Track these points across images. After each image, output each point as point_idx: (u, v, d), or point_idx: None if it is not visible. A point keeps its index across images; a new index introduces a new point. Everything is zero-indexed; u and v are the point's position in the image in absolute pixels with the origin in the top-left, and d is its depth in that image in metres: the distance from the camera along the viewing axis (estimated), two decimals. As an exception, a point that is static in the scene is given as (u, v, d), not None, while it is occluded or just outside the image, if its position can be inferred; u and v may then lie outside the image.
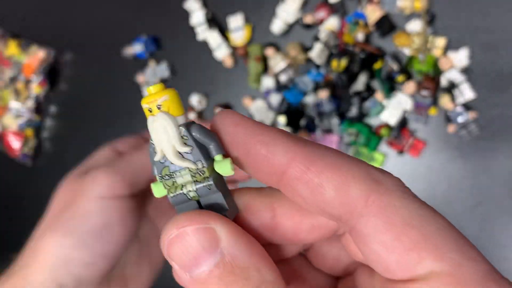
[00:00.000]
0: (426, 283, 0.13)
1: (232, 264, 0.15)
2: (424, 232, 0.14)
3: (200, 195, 0.17)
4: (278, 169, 0.15)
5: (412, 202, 0.15)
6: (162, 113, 0.16)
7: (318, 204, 0.15)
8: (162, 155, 0.17)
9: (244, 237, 0.15)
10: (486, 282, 0.13)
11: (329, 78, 0.59)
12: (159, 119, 0.16)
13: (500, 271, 0.50)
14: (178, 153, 0.16)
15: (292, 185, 0.15)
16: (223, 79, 0.67)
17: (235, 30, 0.64)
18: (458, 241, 0.14)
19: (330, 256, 0.19)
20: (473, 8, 0.55)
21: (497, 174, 0.56)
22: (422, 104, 0.57)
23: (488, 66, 0.55)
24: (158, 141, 0.17)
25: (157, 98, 0.16)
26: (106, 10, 0.74)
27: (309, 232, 0.17)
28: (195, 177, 0.17)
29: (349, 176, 0.15)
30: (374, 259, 0.14)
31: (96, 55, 0.75)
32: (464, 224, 0.58)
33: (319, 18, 0.60)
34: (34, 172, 0.82)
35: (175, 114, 0.17)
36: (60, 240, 0.27)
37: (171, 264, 0.16)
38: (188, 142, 0.16)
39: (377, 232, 0.14)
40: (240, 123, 0.16)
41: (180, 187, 0.17)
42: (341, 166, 0.15)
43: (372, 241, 0.14)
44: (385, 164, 0.60)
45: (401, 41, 0.56)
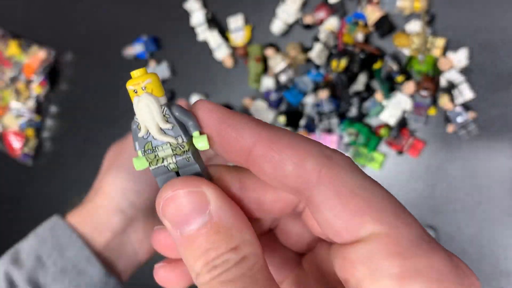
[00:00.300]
0: (367, 243, 0.15)
1: (218, 224, 0.17)
2: (366, 200, 0.16)
3: (180, 166, 0.19)
4: (245, 149, 0.17)
5: (357, 175, 0.17)
6: (146, 93, 0.18)
7: (280, 178, 0.17)
8: (146, 131, 0.19)
9: (229, 202, 0.18)
10: (418, 242, 0.16)
11: (329, 78, 0.59)
12: (144, 99, 0.18)
13: (500, 271, 0.50)
14: (161, 129, 0.19)
15: (257, 162, 0.17)
16: (223, 79, 0.67)
17: (235, 31, 0.64)
18: (396, 208, 0.16)
19: (294, 232, 0.22)
20: (472, 9, 0.55)
21: (497, 174, 0.56)
22: (421, 104, 0.57)
23: (487, 66, 0.55)
24: (142, 119, 0.19)
25: (141, 80, 0.18)
26: (107, 11, 0.74)
27: (271, 205, 0.19)
28: (175, 151, 0.19)
29: (305, 153, 0.17)
30: (326, 225, 0.17)
31: (96, 55, 0.75)
32: (464, 224, 0.58)
33: (319, 19, 0.60)
34: (34, 171, 0.82)
35: (157, 95, 0.19)
36: (116, 175, 0.37)
37: (164, 222, 0.18)
38: (169, 120, 0.19)
39: (327, 200, 0.16)
40: (214, 110, 0.18)
41: (161, 160, 0.19)
42: (299, 145, 0.17)
43: (324, 208, 0.16)
44: (384, 164, 0.60)
45: (401, 42, 0.56)
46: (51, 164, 0.81)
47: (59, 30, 0.77)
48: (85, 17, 0.75)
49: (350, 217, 0.16)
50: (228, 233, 0.17)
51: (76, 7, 0.76)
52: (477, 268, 0.58)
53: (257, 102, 0.64)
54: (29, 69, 0.77)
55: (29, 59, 0.77)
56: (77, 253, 0.36)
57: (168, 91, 0.70)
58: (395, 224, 0.16)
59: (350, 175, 0.17)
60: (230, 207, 0.18)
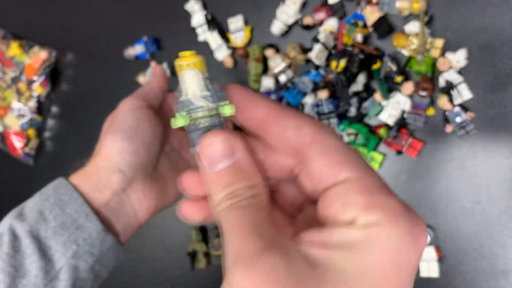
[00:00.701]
0: (343, 184, 0.22)
1: (241, 167, 0.24)
2: (344, 156, 0.23)
3: (210, 126, 0.25)
4: (260, 116, 0.25)
5: (338, 139, 0.23)
6: (193, 68, 0.25)
7: (284, 140, 0.24)
8: (187, 97, 0.25)
9: (249, 153, 0.25)
10: (381, 186, 0.22)
11: (329, 78, 0.59)
12: (190, 71, 0.25)
13: (498, 270, 0.50)
14: (200, 96, 0.25)
15: (268, 127, 0.24)
16: (224, 79, 0.68)
17: (235, 31, 0.64)
18: (365, 163, 0.23)
19: (290, 195, 0.27)
20: (471, 10, 0.55)
21: (495, 173, 0.56)
22: (420, 105, 0.57)
23: (485, 67, 0.55)
24: (186, 86, 0.25)
25: (191, 58, 0.25)
26: (108, 12, 0.74)
27: (272, 166, 0.25)
28: (208, 114, 0.25)
29: (303, 122, 0.24)
30: (314, 173, 0.23)
31: (97, 56, 0.75)
32: (462, 223, 0.58)
33: (319, 19, 0.60)
34: (35, 171, 0.83)
35: (202, 71, 0.25)
36: (112, 137, 0.41)
37: (202, 162, 0.24)
38: (208, 89, 0.25)
39: (317, 155, 0.23)
40: (241, 88, 0.26)
41: (195, 120, 0.25)
42: (298, 116, 0.24)
43: (314, 160, 0.23)
44: (383, 163, 0.60)
45: (400, 42, 0.56)
46: (52, 163, 0.82)
47: (60, 31, 0.78)
48: (86, 18, 0.76)
49: (332, 166, 0.22)
50: (247, 174, 0.24)
51: (77, 8, 0.76)
52: (475, 267, 0.58)
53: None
54: (30, 70, 0.77)
55: (31, 59, 0.77)
56: (77, 210, 0.39)
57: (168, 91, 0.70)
58: (364, 173, 0.22)
59: (333, 139, 0.23)
60: (250, 156, 0.24)
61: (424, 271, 0.60)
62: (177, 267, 0.74)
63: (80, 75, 0.76)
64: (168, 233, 0.74)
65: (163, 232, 0.74)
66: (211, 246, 0.70)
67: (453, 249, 0.59)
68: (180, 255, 0.73)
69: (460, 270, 0.59)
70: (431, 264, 0.59)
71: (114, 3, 0.74)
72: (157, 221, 0.74)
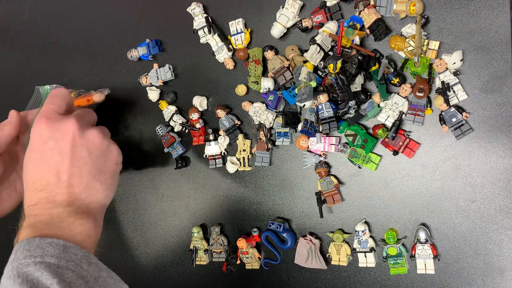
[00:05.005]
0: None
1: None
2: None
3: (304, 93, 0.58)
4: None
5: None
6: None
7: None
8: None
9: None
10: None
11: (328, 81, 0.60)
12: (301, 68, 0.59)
13: (493, 267, 0.51)
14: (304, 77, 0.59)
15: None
16: (224, 80, 0.69)
17: (236, 34, 0.66)
18: None
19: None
20: (466, 12, 0.56)
21: (490, 172, 0.57)
22: (417, 106, 0.58)
23: (481, 68, 0.56)
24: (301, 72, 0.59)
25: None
26: (112, 15, 0.76)
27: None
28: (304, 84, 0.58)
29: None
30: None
31: (101, 57, 0.77)
32: (458, 222, 0.59)
33: (317, 22, 0.61)
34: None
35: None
36: None
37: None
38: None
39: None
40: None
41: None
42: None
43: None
44: (381, 163, 0.61)
45: (396, 44, 0.57)
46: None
47: (64, 34, 0.79)
48: (91, 21, 0.77)
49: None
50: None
51: (82, 11, 0.77)
52: (471, 265, 0.59)
53: (256, 103, 0.66)
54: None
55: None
56: None
57: (170, 92, 0.72)
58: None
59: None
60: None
61: (421, 269, 0.61)
62: (178, 264, 0.75)
63: (83, 76, 0.78)
64: (169, 231, 0.75)
65: (164, 230, 0.76)
66: (212, 244, 0.71)
67: (449, 247, 0.60)
68: (181, 252, 0.75)
69: (456, 267, 0.60)
70: (427, 261, 0.60)
71: (118, 7, 0.75)
72: (158, 219, 0.76)
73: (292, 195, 0.67)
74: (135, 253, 0.78)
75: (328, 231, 0.65)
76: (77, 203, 0.47)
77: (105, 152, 0.51)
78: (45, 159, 0.47)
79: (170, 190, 0.74)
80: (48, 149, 0.47)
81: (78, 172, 0.48)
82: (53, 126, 0.48)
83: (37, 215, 0.45)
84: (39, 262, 0.39)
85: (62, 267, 0.39)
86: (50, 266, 0.39)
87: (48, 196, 0.46)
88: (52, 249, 0.40)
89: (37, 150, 0.48)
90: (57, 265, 0.39)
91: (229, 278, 0.72)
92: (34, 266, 0.39)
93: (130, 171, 0.77)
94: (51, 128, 0.48)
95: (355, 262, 0.64)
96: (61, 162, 0.47)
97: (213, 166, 0.70)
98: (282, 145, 0.66)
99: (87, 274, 0.41)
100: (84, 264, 0.41)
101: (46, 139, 0.48)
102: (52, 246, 0.41)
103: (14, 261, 0.40)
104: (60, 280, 0.38)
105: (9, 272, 0.39)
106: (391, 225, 0.62)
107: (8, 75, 0.83)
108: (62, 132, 0.48)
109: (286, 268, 0.69)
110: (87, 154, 0.49)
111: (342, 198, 0.63)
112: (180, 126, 0.71)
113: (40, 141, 0.48)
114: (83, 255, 0.42)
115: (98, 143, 0.50)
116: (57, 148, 0.47)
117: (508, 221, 0.57)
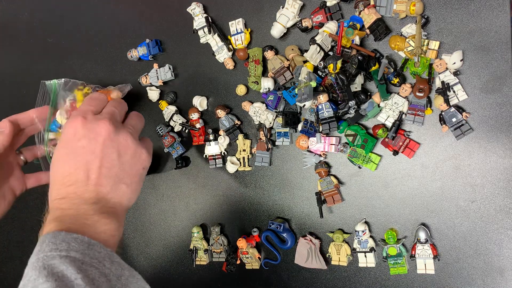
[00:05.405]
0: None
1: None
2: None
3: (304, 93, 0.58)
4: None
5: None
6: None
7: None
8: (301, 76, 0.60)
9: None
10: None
11: (328, 81, 0.60)
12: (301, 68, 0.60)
13: (493, 267, 0.51)
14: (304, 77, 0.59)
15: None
16: (224, 80, 0.69)
17: (236, 34, 0.66)
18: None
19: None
20: (466, 12, 0.56)
21: (490, 172, 0.57)
22: (417, 106, 0.58)
23: (481, 68, 0.56)
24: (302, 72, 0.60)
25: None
26: (112, 15, 0.76)
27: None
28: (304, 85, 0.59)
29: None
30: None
31: (101, 57, 0.77)
32: (458, 222, 0.59)
33: (317, 22, 0.61)
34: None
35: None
36: None
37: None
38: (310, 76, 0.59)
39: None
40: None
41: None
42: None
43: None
44: (381, 163, 0.61)
45: (396, 44, 0.57)
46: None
47: (64, 34, 0.79)
48: (91, 21, 0.77)
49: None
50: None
51: (82, 11, 0.77)
52: (471, 265, 0.59)
53: (256, 103, 0.66)
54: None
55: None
56: None
57: (170, 92, 0.72)
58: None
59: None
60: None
61: (421, 269, 0.61)
62: (178, 264, 0.75)
63: (83, 76, 0.78)
64: (169, 231, 0.75)
65: (165, 230, 0.76)
66: (212, 244, 0.71)
67: (449, 247, 0.60)
68: (181, 252, 0.75)
69: (456, 267, 0.60)
70: (427, 261, 0.60)
71: (118, 7, 0.75)
72: (158, 219, 0.76)
73: (292, 195, 0.67)
74: (135, 253, 0.78)
75: (328, 231, 0.65)
76: (103, 203, 0.48)
77: (134, 155, 0.52)
78: (76, 156, 0.48)
79: (170, 190, 0.74)
80: (80, 147, 0.49)
81: (107, 172, 0.49)
82: (88, 126, 0.50)
83: (64, 209, 0.46)
84: (65, 256, 0.40)
85: (86, 263, 0.40)
86: (75, 261, 0.40)
87: (76, 192, 0.47)
88: (77, 244, 0.41)
89: (69, 147, 0.49)
90: (81, 260, 0.40)
91: (229, 278, 0.72)
92: (60, 259, 0.39)
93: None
94: (85, 128, 0.49)
95: (355, 262, 0.64)
96: (92, 162, 0.48)
97: (213, 166, 0.70)
98: (282, 145, 0.66)
99: (109, 272, 0.41)
100: (107, 262, 0.42)
101: (80, 137, 0.49)
102: (77, 241, 0.42)
103: (40, 252, 0.40)
104: (84, 276, 0.39)
105: (35, 263, 0.39)
106: (391, 225, 0.62)
107: (8, 75, 0.83)
108: (95, 133, 0.49)
109: (286, 268, 0.69)
110: (116, 156, 0.50)
111: (342, 198, 0.63)
112: (180, 126, 0.71)
113: (74, 139, 0.49)
114: (106, 254, 0.43)
115: (128, 146, 0.51)
116: (89, 147, 0.49)
117: (508, 221, 0.57)
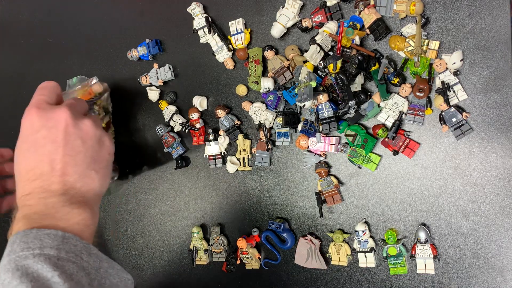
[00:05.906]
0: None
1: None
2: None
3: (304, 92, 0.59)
4: None
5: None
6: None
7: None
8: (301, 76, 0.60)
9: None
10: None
11: (328, 81, 0.60)
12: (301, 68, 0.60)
13: (494, 267, 0.51)
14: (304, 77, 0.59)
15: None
16: (224, 80, 0.69)
17: (236, 34, 0.66)
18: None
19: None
20: (466, 12, 0.56)
21: (490, 172, 0.57)
22: (417, 105, 0.58)
23: (481, 68, 0.56)
24: (302, 72, 0.60)
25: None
26: (112, 15, 0.76)
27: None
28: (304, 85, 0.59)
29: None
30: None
31: (102, 57, 0.77)
32: (458, 221, 0.59)
33: (317, 22, 0.61)
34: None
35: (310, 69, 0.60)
36: None
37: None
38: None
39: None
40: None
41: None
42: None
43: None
44: (381, 163, 0.61)
45: (396, 44, 0.57)
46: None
47: (64, 34, 0.79)
48: (91, 21, 0.77)
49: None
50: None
51: (83, 11, 0.77)
52: (471, 265, 0.59)
53: (256, 103, 0.66)
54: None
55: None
56: None
57: (170, 92, 0.72)
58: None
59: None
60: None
61: (421, 269, 0.61)
62: (178, 264, 0.75)
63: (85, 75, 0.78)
64: (169, 231, 0.75)
65: (164, 230, 0.76)
66: (212, 244, 0.71)
67: (449, 247, 0.60)
68: (181, 252, 0.75)
69: (456, 267, 0.60)
70: (427, 261, 0.60)
71: (118, 7, 0.75)
72: (158, 219, 0.76)
73: (292, 195, 0.67)
74: (135, 253, 0.78)
75: (328, 231, 0.65)
76: (72, 192, 0.46)
77: (99, 142, 0.50)
78: (37, 148, 0.46)
79: (170, 190, 0.74)
80: (40, 138, 0.46)
81: (72, 161, 0.46)
82: (45, 115, 0.47)
83: (31, 205, 0.44)
84: (38, 254, 0.38)
85: (62, 259, 0.39)
86: (50, 258, 0.38)
87: (42, 185, 0.45)
88: (51, 240, 0.39)
89: (29, 140, 0.46)
90: (57, 256, 0.38)
91: (229, 278, 0.72)
92: (33, 258, 0.38)
93: (130, 171, 0.77)
94: (42, 118, 0.46)
95: (355, 262, 0.64)
96: (55, 151, 0.46)
97: (213, 166, 0.70)
98: (282, 145, 0.66)
99: (87, 266, 0.40)
100: (84, 255, 0.40)
101: (38, 128, 0.46)
102: (50, 237, 0.40)
103: (11, 253, 0.38)
104: (61, 272, 0.37)
105: (7, 265, 0.38)
106: (391, 225, 0.62)
107: (8, 75, 0.83)
108: (54, 121, 0.47)
109: (286, 268, 0.69)
110: (80, 143, 0.47)
111: (342, 198, 0.63)
112: (180, 126, 0.71)
113: (32, 131, 0.46)
114: (83, 246, 0.41)
115: (92, 133, 0.49)
116: (49, 137, 0.46)
117: (508, 221, 0.57)
